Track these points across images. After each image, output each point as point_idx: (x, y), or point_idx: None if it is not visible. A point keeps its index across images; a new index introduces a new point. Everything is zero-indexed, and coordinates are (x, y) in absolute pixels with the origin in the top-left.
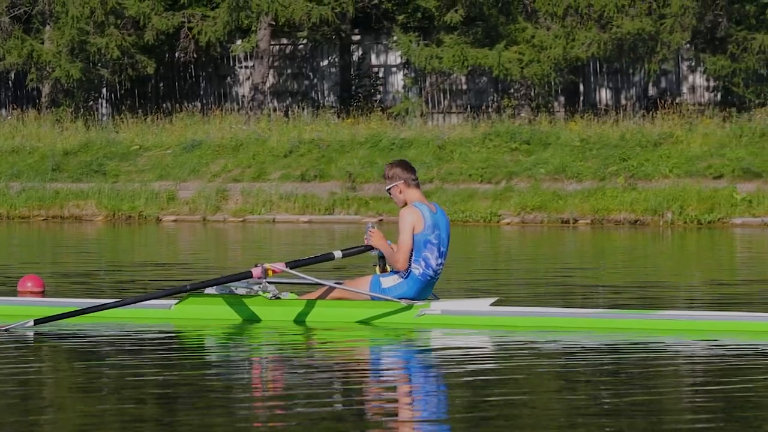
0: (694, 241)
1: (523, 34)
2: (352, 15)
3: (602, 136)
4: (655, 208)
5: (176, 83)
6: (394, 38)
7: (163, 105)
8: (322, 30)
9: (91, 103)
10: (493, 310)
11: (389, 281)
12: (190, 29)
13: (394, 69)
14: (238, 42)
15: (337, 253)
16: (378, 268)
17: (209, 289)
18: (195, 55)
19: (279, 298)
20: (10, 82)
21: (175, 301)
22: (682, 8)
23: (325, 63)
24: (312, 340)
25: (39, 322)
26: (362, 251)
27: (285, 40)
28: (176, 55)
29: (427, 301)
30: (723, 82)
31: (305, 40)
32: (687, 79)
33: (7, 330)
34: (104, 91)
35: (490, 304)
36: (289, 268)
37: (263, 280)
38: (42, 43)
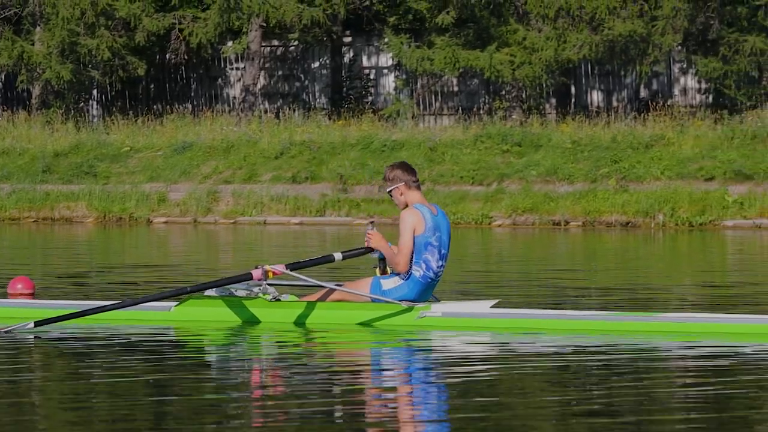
0: (686, 243)
1: (515, 35)
2: (344, 16)
3: (594, 138)
4: (647, 210)
5: (167, 85)
6: (386, 40)
7: (154, 106)
8: (313, 31)
9: (81, 105)
10: (494, 312)
11: (390, 283)
12: (181, 31)
13: (386, 71)
14: (229, 43)
15: (338, 255)
16: (378, 270)
17: (209, 291)
18: (186, 57)
19: (279, 300)
20: (0, 84)
21: (175, 303)
22: (674, 10)
23: (316, 65)
24: (312, 342)
25: (39, 323)
26: (362, 253)
27: (276, 42)
28: (167, 56)
29: (427, 303)
30: (714, 84)
31: (296, 42)
32: (678, 81)
33: (8, 332)
34: (95, 92)
35: (491, 306)
36: (289, 269)
37: (263, 282)
38: (32, 45)
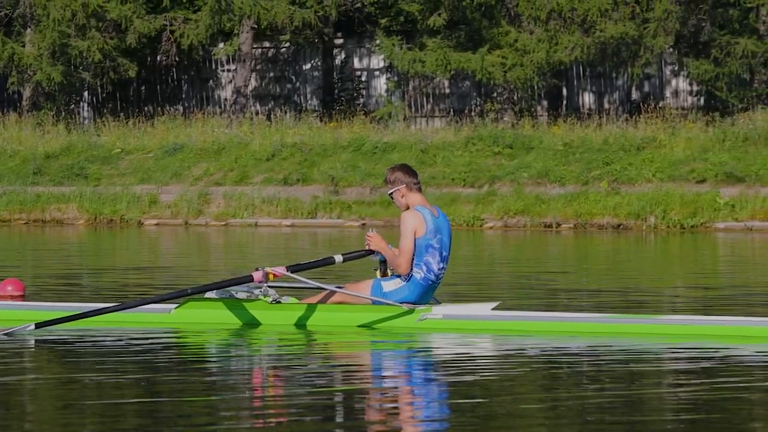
0: (678, 245)
1: (507, 38)
2: (335, 18)
3: (585, 140)
4: (638, 212)
5: (158, 86)
6: (377, 42)
7: (145, 108)
8: (305, 33)
9: (72, 107)
10: (495, 315)
11: (390, 285)
12: (172, 32)
13: (377, 73)
14: (221, 45)
15: (338, 257)
16: (379, 272)
17: (209, 293)
18: (177, 59)
19: (279, 302)
20: None
21: (176, 305)
22: (666, 12)
23: (308, 66)
24: (313, 344)
25: (40, 325)
26: (363, 255)
27: (267, 44)
28: (158, 58)
29: (428, 305)
30: (706, 87)
31: (288, 44)
32: (670, 83)
33: (8, 334)
34: (86, 94)
35: (492, 309)
36: (290, 272)
37: (264, 284)
38: (23, 46)
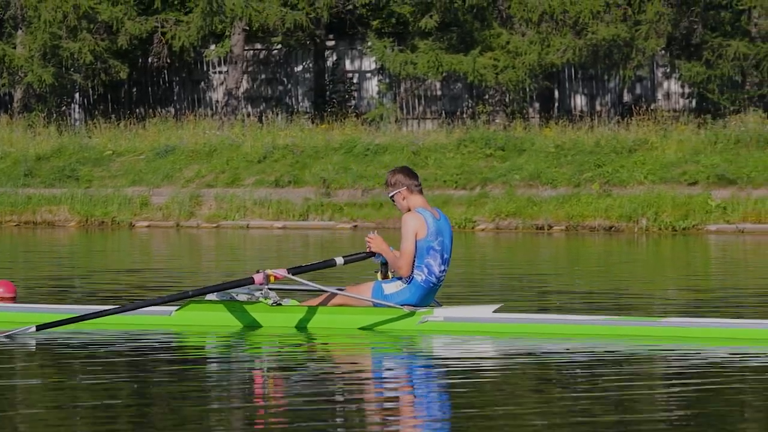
0: (669, 247)
1: (498, 40)
2: (327, 20)
3: (577, 142)
4: (630, 214)
5: (149, 88)
6: (369, 44)
7: (137, 110)
8: (297, 35)
9: (63, 108)
10: (497, 317)
11: (392, 288)
12: (164, 34)
13: (369, 74)
14: (212, 47)
15: (339, 260)
16: (380, 274)
17: (210, 296)
18: (168, 60)
19: (280, 304)
20: None
21: (176, 307)
22: (657, 15)
23: (300, 68)
24: (314, 346)
25: (41, 328)
26: (364, 257)
27: (259, 46)
28: (149, 60)
29: (429, 307)
30: (698, 89)
31: (279, 46)
32: (662, 85)
33: (9, 336)
34: (77, 96)
35: (494, 311)
36: (291, 274)
37: (264, 287)
38: (14, 48)
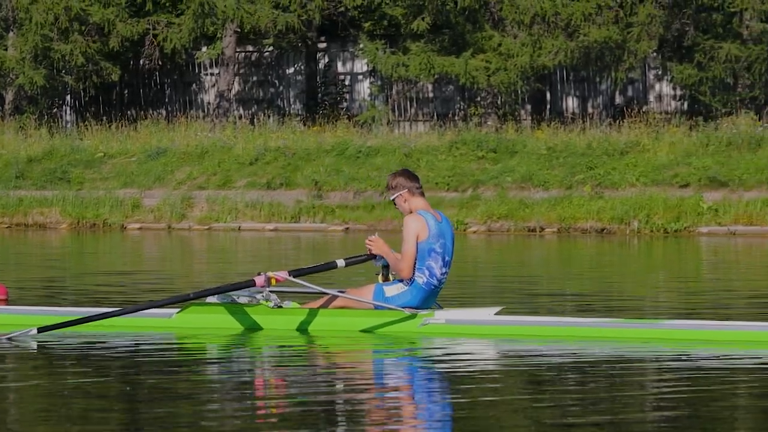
0: (661, 249)
1: (490, 42)
2: (318, 22)
3: (569, 144)
4: (622, 216)
5: (141, 90)
6: (361, 46)
7: (128, 112)
8: (288, 37)
9: (55, 110)
10: (498, 320)
11: (393, 290)
12: (155, 36)
13: (361, 77)
14: (204, 49)
15: (340, 262)
16: (381, 276)
17: (211, 298)
18: (160, 62)
19: (281, 307)
20: None
21: (177, 309)
22: (649, 17)
23: (291, 70)
24: (314, 349)
25: (42, 330)
26: (365, 260)
27: (251, 48)
28: (141, 62)
29: (430, 310)
30: (689, 91)
31: (271, 48)
32: (654, 87)
33: (10, 338)
34: (68, 98)
35: (495, 314)
36: (292, 276)
37: (265, 289)
38: (5, 50)
